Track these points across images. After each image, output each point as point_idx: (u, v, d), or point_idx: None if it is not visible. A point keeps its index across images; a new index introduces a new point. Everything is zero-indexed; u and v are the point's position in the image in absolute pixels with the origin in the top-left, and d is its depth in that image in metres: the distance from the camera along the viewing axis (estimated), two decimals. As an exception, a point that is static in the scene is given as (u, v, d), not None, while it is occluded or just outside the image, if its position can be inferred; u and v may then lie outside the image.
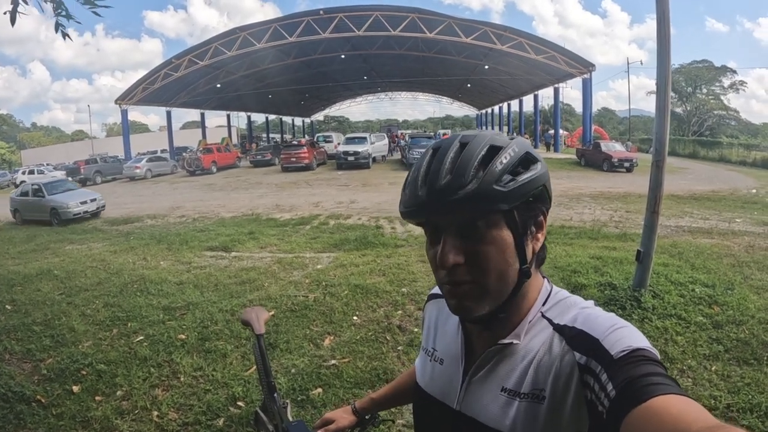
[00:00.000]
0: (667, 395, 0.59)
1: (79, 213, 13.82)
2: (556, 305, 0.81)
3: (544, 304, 0.82)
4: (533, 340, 0.78)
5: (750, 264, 6.29)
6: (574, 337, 0.74)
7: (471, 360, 0.85)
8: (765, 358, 3.62)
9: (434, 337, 0.96)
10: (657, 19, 4.50)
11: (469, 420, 0.82)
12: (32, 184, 15.16)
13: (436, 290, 1.01)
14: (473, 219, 0.75)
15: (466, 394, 0.84)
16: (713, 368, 3.54)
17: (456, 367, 0.87)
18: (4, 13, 3.83)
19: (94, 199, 14.60)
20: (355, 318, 4.70)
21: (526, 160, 0.77)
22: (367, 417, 1.31)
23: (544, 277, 0.86)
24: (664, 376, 0.62)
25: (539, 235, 0.81)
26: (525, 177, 0.76)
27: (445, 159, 0.76)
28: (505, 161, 0.75)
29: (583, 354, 0.71)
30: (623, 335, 0.70)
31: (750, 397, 3.13)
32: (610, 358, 0.67)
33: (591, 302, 0.81)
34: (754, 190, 14.93)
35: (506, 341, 0.79)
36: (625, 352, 0.66)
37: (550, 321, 0.79)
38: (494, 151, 0.76)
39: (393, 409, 3.05)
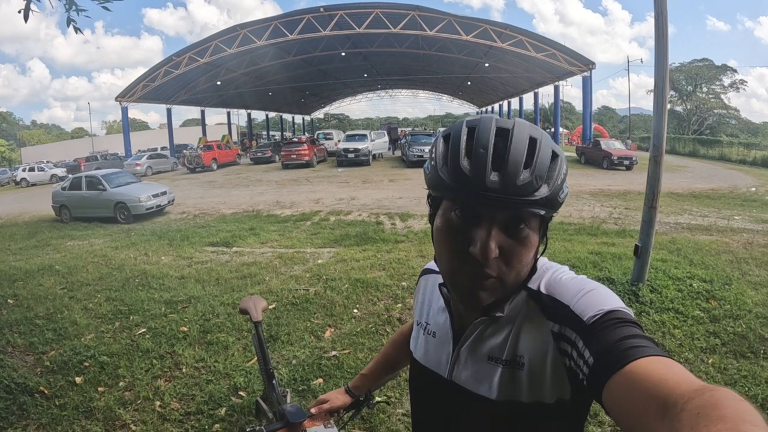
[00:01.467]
0: (647, 357, 0.58)
1: (152, 207, 12.43)
2: (535, 274, 0.81)
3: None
4: (514, 310, 0.79)
5: (748, 260, 6.33)
6: (546, 305, 0.75)
7: (460, 331, 0.87)
8: (761, 351, 3.66)
9: (427, 311, 0.97)
10: (655, 17, 4.53)
11: (458, 388, 0.85)
12: (86, 176, 13.34)
13: (431, 265, 1.03)
14: (523, 219, 0.73)
15: (455, 365, 0.86)
16: (710, 361, 3.58)
17: (446, 338, 0.89)
18: (18, 12, 3.84)
19: (164, 192, 13.07)
20: (355, 311, 4.73)
21: (554, 157, 0.75)
22: (361, 398, 1.33)
23: None
24: (641, 338, 0.61)
25: (545, 237, 0.80)
26: (567, 188, 0.76)
27: (520, 149, 0.71)
28: (563, 171, 0.75)
29: (555, 322, 0.72)
30: (593, 299, 0.70)
31: (746, 389, 3.17)
32: (583, 324, 0.67)
33: (565, 267, 0.83)
34: (754, 189, 14.95)
35: (493, 314, 0.80)
36: (597, 317, 0.66)
37: (528, 290, 0.80)
38: (555, 156, 0.74)
39: (390, 395, 3.10)
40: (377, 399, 1.41)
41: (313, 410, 1.30)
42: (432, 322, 0.95)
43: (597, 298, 0.70)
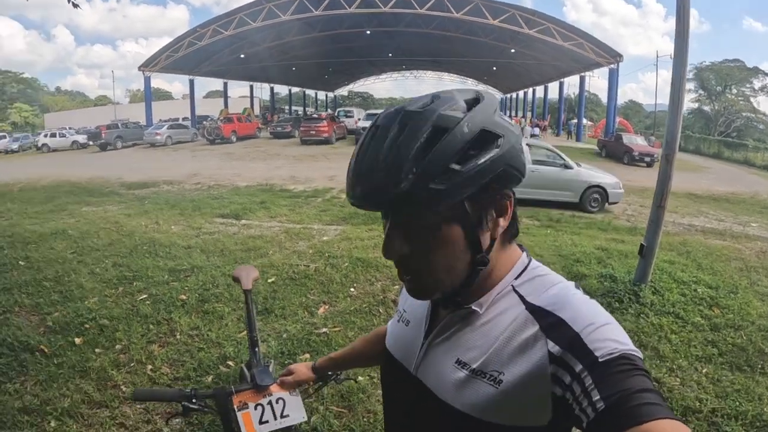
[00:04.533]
0: (663, 419, 0.55)
1: (617, 199, 10.38)
2: (531, 281, 0.75)
3: (517, 278, 0.76)
4: (500, 316, 0.73)
5: (759, 269, 6.18)
6: (550, 324, 0.68)
7: (434, 324, 0.82)
8: (759, 365, 3.54)
9: (408, 297, 0.91)
10: (676, 12, 4.39)
11: (422, 387, 0.79)
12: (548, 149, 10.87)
13: None
14: (412, 216, 0.70)
15: (423, 359, 0.81)
16: (704, 370, 3.47)
17: (419, 329, 0.85)
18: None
19: (618, 182, 10.53)
20: (352, 290, 4.77)
21: (482, 140, 0.68)
22: (329, 373, 1.37)
23: (523, 250, 0.81)
24: (656, 393, 0.58)
25: (501, 221, 0.73)
26: (477, 163, 0.67)
27: (382, 146, 0.68)
28: (447, 149, 0.66)
29: (557, 344, 0.65)
30: (607, 334, 0.64)
31: (738, 404, 3.04)
32: (593, 359, 0.61)
33: (571, 283, 0.75)
34: (776, 195, 14.58)
35: (468, 306, 0.75)
36: (611, 356, 0.61)
37: (522, 298, 0.73)
38: (439, 133, 0.67)
39: (372, 375, 3.14)
40: (344, 376, 1.45)
41: (282, 379, 1.35)
42: (409, 309, 0.91)
43: (612, 334, 0.64)
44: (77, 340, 3.63)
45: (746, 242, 8.01)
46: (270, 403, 1.35)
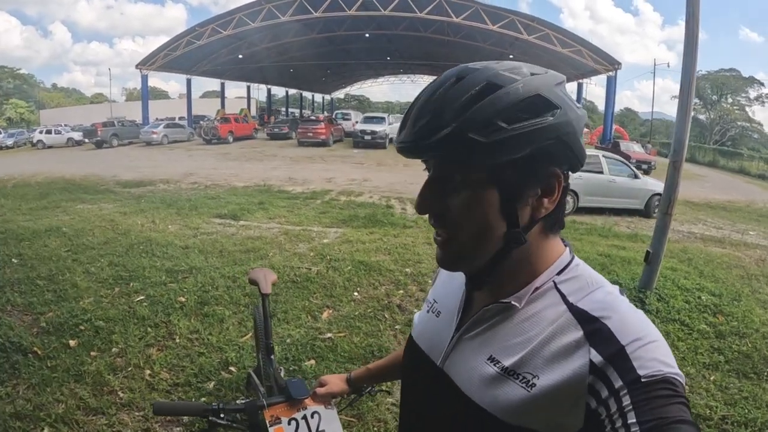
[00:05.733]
0: None
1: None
2: (574, 279, 0.71)
3: (559, 273, 0.71)
4: (540, 314, 0.69)
5: (759, 277, 6.21)
6: (595, 331, 0.63)
7: (467, 316, 0.78)
8: (765, 373, 3.56)
9: (440, 288, 0.90)
10: (686, 20, 4.38)
11: (448, 381, 0.76)
12: (605, 157, 11.06)
13: None
14: (450, 169, 0.68)
15: (452, 352, 0.77)
16: (712, 378, 3.49)
17: (450, 321, 0.81)
18: None
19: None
20: (355, 294, 4.69)
21: (534, 105, 0.64)
22: (364, 386, 1.31)
23: (566, 245, 0.76)
24: (692, 426, 0.55)
25: (546, 201, 0.68)
26: (522, 125, 0.63)
27: (434, 95, 0.67)
28: (496, 103, 0.63)
29: (600, 355, 0.61)
30: (654, 353, 0.60)
31: (746, 411, 3.07)
32: (635, 377, 0.58)
33: (616, 288, 0.71)
34: (771, 204, 14.67)
35: (505, 301, 0.71)
36: (655, 378, 0.57)
37: (563, 297, 0.69)
38: (491, 89, 0.64)
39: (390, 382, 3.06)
40: (378, 388, 1.39)
41: (316, 390, 1.28)
42: (441, 300, 0.87)
43: (658, 353, 0.60)
44: (72, 342, 3.52)
45: (745, 250, 8.04)
46: (305, 417, 1.26)
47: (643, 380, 0.57)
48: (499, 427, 0.67)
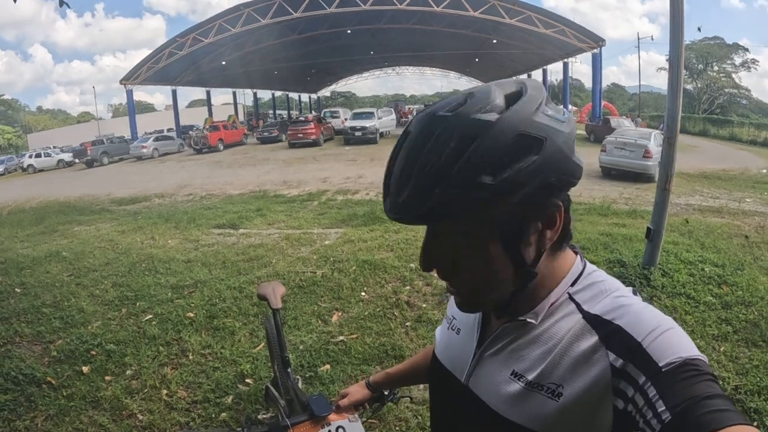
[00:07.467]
0: (734, 426, 0.51)
1: None
2: (588, 288, 0.71)
3: (573, 284, 0.72)
4: (557, 325, 0.69)
5: (760, 244, 6.24)
6: (609, 333, 0.64)
7: (486, 333, 0.79)
8: (774, 341, 3.57)
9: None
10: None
11: (474, 398, 0.77)
12: None
13: None
14: (446, 226, 0.68)
15: (475, 369, 0.78)
16: (722, 349, 3.51)
17: (470, 338, 0.82)
18: None
19: None
20: (363, 294, 4.70)
21: (519, 146, 0.61)
22: (386, 392, 1.31)
23: (576, 252, 0.76)
24: (724, 398, 0.55)
25: (549, 233, 0.68)
26: (513, 173, 0.61)
27: (409, 159, 0.64)
28: (478, 160, 0.60)
29: (619, 356, 0.62)
30: (670, 341, 0.60)
31: (758, 379, 3.10)
32: (656, 368, 0.58)
33: (629, 289, 0.71)
34: (765, 170, 14.75)
35: (522, 318, 0.72)
36: (674, 364, 0.57)
37: (578, 306, 0.69)
38: (466, 142, 0.61)
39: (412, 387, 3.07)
40: (400, 394, 1.39)
41: (338, 403, 1.27)
42: (459, 317, 0.88)
43: (675, 341, 0.61)
44: (85, 369, 3.51)
45: (744, 218, 8.07)
46: None
47: (663, 369, 0.57)
48: None
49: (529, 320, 0.71)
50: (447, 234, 0.68)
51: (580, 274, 0.73)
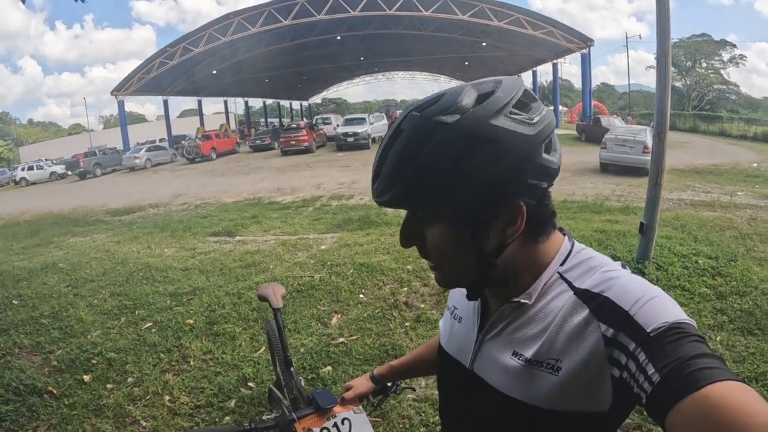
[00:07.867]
0: (721, 382, 0.52)
1: None
2: (577, 266, 0.74)
3: (562, 264, 0.75)
4: (550, 304, 0.72)
5: (752, 236, 6.32)
6: (599, 305, 0.67)
7: (486, 318, 0.82)
8: (768, 328, 3.63)
9: (457, 295, 0.94)
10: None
11: (479, 380, 0.80)
12: None
13: None
14: (416, 208, 0.74)
15: (479, 353, 0.82)
16: (718, 338, 3.58)
17: (471, 324, 0.85)
18: None
19: None
20: (361, 296, 4.72)
21: (472, 147, 0.65)
22: (389, 384, 1.34)
23: (564, 234, 0.80)
24: (712, 357, 0.56)
25: (509, 230, 0.71)
26: (464, 172, 0.65)
27: (382, 151, 0.72)
28: (432, 156, 0.66)
29: (610, 326, 0.64)
30: (656, 308, 0.62)
31: (755, 366, 3.17)
32: (644, 334, 0.60)
33: (618, 264, 0.74)
34: (756, 164, 14.91)
35: (517, 300, 0.75)
36: (661, 329, 0.59)
37: (569, 283, 0.72)
38: (426, 139, 0.66)
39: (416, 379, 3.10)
40: (403, 385, 1.43)
41: (343, 396, 1.30)
42: (460, 306, 0.92)
43: (661, 306, 0.63)
44: (86, 377, 3.51)
45: (736, 211, 8.16)
46: (335, 425, 1.28)
47: (651, 335, 0.59)
48: (539, 415, 0.70)
49: (523, 301, 0.74)
50: (417, 218, 0.74)
51: (569, 253, 0.76)
